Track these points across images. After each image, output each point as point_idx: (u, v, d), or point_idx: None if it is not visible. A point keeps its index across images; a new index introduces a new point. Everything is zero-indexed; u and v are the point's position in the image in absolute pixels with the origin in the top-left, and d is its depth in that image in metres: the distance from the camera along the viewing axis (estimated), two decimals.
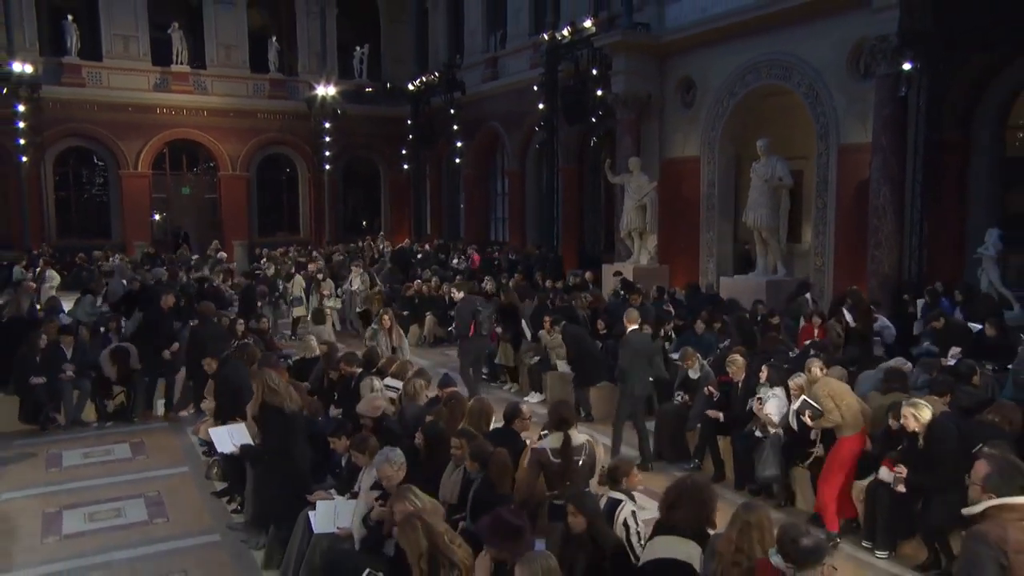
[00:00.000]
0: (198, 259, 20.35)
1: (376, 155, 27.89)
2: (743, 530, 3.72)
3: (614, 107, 17.13)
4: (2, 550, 5.55)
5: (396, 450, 4.62)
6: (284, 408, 5.00)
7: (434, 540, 3.49)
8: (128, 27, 24.25)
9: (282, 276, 15.73)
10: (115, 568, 5.21)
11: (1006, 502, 3.18)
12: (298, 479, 5.05)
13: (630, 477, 4.65)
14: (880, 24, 11.54)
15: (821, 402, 5.77)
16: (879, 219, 12.02)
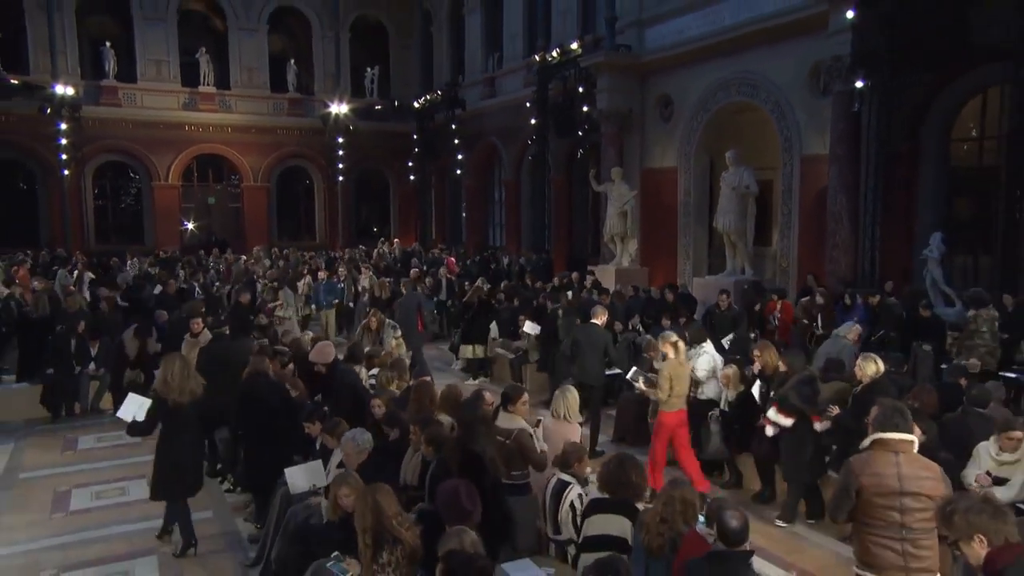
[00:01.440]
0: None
1: (385, 167, 27.75)
2: (668, 503, 3.76)
3: (599, 121, 17.15)
4: (13, 524, 5.67)
5: (365, 433, 4.69)
6: (168, 400, 5.10)
7: (380, 518, 3.50)
8: (160, 52, 24.31)
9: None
10: (112, 541, 5.30)
11: (882, 437, 3.59)
12: (185, 459, 5.18)
13: (580, 463, 4.64)
14: (835, 46, 11.55)
15: (660, 378, 6.15)
16: (836, 224, 12.05)
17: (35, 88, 21.54)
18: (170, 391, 5.11)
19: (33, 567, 4.96)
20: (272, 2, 25.65)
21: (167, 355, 5.66)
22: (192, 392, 5.21)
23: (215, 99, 25.05)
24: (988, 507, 2.73)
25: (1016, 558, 2.58)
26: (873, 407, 3.74)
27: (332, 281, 14.75)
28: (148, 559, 5.04)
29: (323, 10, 26.28)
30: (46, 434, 7.89)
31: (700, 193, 15.96)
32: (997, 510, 2.72)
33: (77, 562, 4.98)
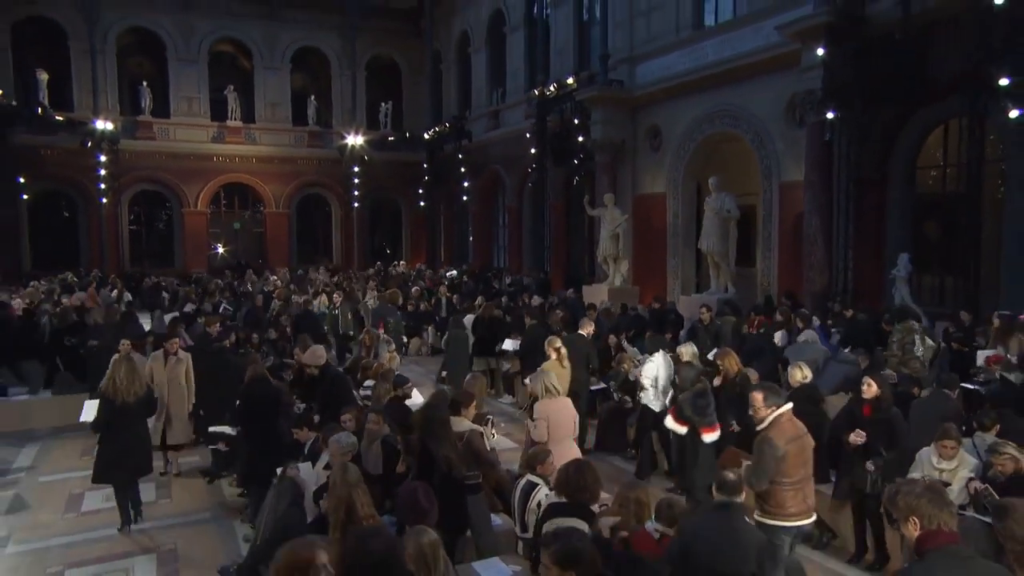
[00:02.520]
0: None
1: (397, 194, 27.96)
2: (623, 504, 3.76)
3: (593, 151, 17.28)
4: (28, 523, 5.76)
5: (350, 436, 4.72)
6: (115, 400, 5.47)
7: (352, 508, 3.55)
8: (191, 90, 24.86)
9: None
10: (116, 540, 5.36)
11: (778, 411, 4.20)
12: (127, 449, 5.55)
13: (544, 464, 4.60)
14: (808, 81, 11.63)
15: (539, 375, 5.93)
16: (812, 245, 12.04)
17: (78, 124, 22.14)
18: (117, 392, 5.46)
19: (40, 563, 5.04)
20: (295, 43, 26.16)
21: (115, 360, 5.95)
22: (136, 392, 5.55)
23: (241, 132, 25.48)
24: (929, 493, 2.71)
25: (943, 546, 2.58)
26: (753, 394, 4.28)
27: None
28: (148, 556, 5.09)
29: (341, 50, 26.70)
30: (68, 440, 7.96)
31: (687, 217, 15.99)
32: (937, 498, 2.69)
33: (81, 560, 5.05)
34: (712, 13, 15.63)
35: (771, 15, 13.06)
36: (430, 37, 27.18)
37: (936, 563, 2.56)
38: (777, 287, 13.49)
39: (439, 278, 19.27)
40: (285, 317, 10.57)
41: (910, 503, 2.68)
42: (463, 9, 25.16)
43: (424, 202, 26.27)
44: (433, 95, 27.83)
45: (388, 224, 29.22)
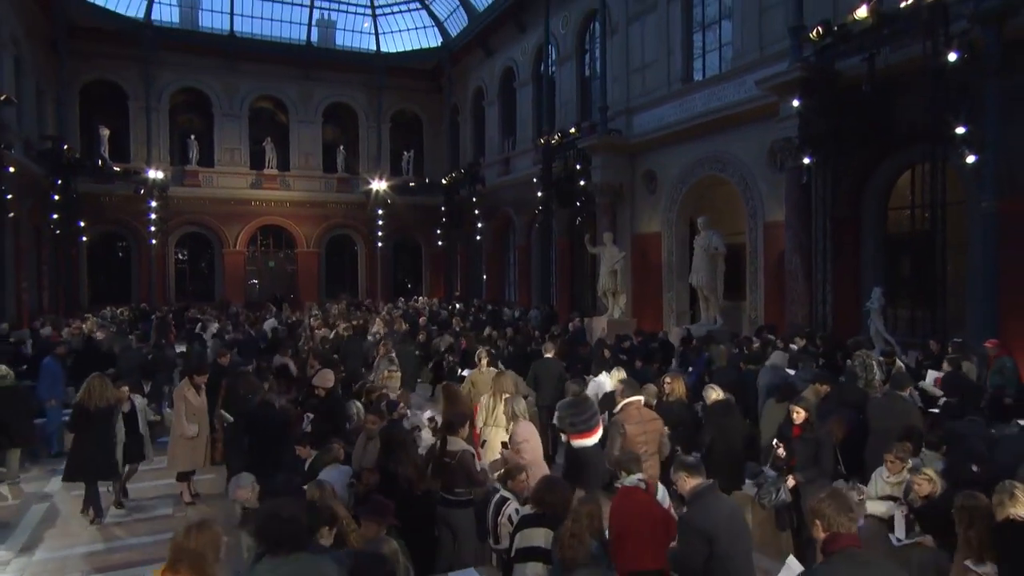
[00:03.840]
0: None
1: (418, 234, 28.26)
2: (577, 519, 3.74)
3: (594, 194, 17.52)
4: (56, 533, 5.92)
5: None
6: (89, 407, 5.97)
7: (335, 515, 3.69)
8: (234, 142, 25.56)
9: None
10: (134, 550, 5.50)
11: (628, 400, 5.17)
12: (96, 450, 6.01)
13: (515, 481, 4.64)
14: (786, 129, 11.81)
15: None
16: (793, 281, 12.09)
17: (133, 173, 22.79)
18: (91, 400, 5.92)
19: (62, 570, 5.20)
20: (326, 99, 26.86)
21: (90, 375, 6.37)
22: (108, 400, 6.02)
23: (277, 179, 25.99)
24: (832, 499, 2.79)
25: (844, 548, 2.65)
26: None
27: None
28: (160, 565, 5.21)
29: (368, 106, 27.37)
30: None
31: (681, 254, 16.08)
32: (841, 504, 2.77)
33: (101, 566, 5.20)
34: (700, 69, 15.96)
35: (752, 71, 13.35)
36: (448, 93, 27.77)
37: (837, 565, 2.64)
38: (763, 319, 13.47)
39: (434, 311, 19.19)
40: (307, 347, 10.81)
41: (814, 507, 2.79)
42: (478, 68, 25.79)
43: (442, 241, 26.44)
44: (451, 144, 28.21)
45: (409, 262, 29.41)
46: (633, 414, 5.08)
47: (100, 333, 12.56)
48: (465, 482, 4.78)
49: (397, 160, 27.41)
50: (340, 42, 27.31)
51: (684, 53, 16.03)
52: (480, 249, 25.31)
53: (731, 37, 14.71)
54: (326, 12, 26.89)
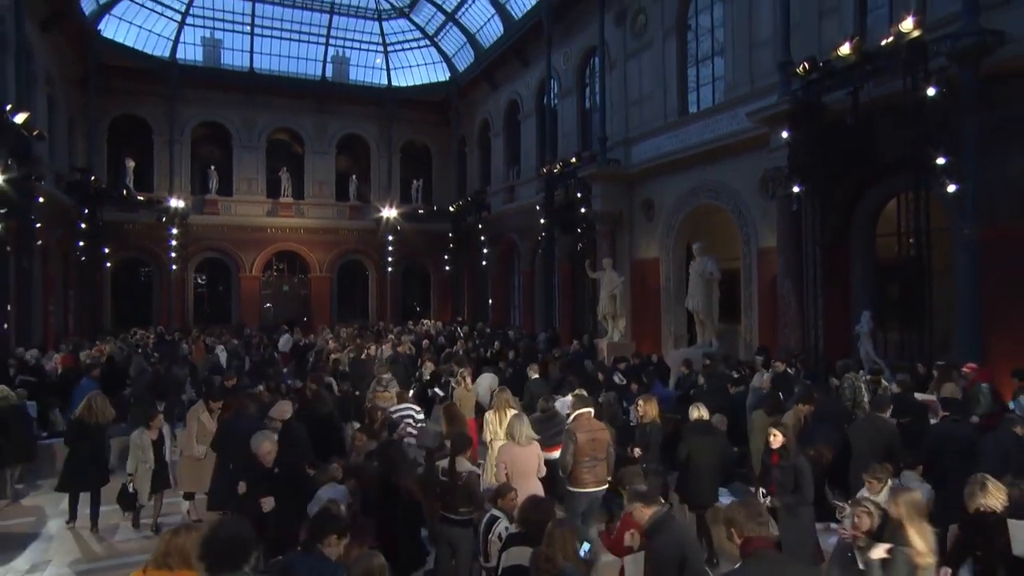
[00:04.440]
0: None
1: (426, 259, 28.39)
2: (550, 542, 3.80)
3: (595, 221, 17.65)
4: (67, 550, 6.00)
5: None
6: (89, 422, 6.32)
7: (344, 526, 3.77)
8: (251, 172, 25.97)
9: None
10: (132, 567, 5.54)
11: (579, 412, 5.58)
12: (88, 462, 6.37)
13: (505, 499, 4.69)
14: (776, 159, 11.94)
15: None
16: (785, 305, 12.14)
17: (155, 203, 23.26)
18: (91, 415, 6.23)
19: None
20: (340, 131, 27.30)
21: (91, 393, 6.69)
22: (105, 416, 6.36)
23: (292, 207, 26.31)
24: (743, 507, 3.00)
25: (757, 550, 2.83)
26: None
27: None
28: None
29: (380, 137, 27.79)
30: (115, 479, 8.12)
31: (678, 279, 16.10)
32: (751, 511, 2.96)
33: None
34: (695, 102, 16.20)
35: (744, 103, 13.54)
36: (456, 124, 28.21)
37: (752, 565, 2.83)
38: (758, 342, 13.48)
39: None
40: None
41: (727, 515, 2.96)
42: (484, 101, 26.24)
43: (449, 267, 26.61)
44: (458, 173, 28.50)
45: (418, 286, 29.49)
46: (583, 424, 5.47)
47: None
48: (469, 502, 4.87)
49: (407, 189, 27.71)
50: (354, 77, 27.87)
51: (679, 87, 16.31)
52: (486, 274, 25.43)
53: (724, 72, 14.97)
54: (340, 49, 27.53)
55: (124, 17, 23.68)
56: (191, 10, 24.89)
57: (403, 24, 27.57)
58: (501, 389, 7.00)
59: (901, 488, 4.48)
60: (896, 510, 3.75)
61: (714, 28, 15.49)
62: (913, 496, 3.88)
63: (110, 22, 23.28)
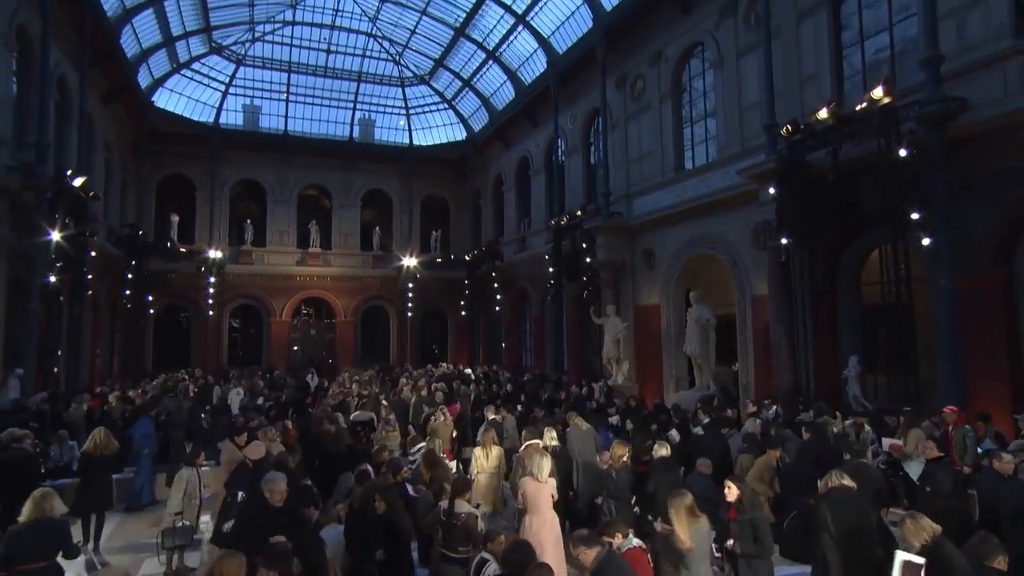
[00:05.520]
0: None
1: (444, 305, 28.49)
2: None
3: (599, 269, 17.87)
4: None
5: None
6: (96, 456, 6.76)
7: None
8: (283, 224, 26.74)
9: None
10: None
11: (529, 442, 6.39)
12: (97, 490, 6.81)
13: (494, 542, 4.65)
14: (765, 213, 12.21)
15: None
16: (777, 350, 12.19)
17: (196, 254, 24.09)
18: (97, 449, 6.68)
19: None
20: (365, 187, 28.09)
21: (96, 430, 7.06)
22: (110, 449, 6.93)
23: (320, 257, 26.83)
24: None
25: None
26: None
27: None
28: None
29: (402, 192, 28.55)
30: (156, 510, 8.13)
31: (679, 324, 16.15)
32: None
33: None
34: (690, 159, 16.64)
35: (735, 161, 13.95)
36: (472, 179, 28.92)
37: None
38: (753, 384, 13.49)
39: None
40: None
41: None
42: (497, 158, 27.00)
43: (465, 311, 26.74)
44: (473, 225, 29.01)
45: (436, 330, 29.66)
46: (532, 452, 5.97)
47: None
48: (467, 542, 4.96)
49: (426, 239, 28.21)
50: (378, 137, 28.88)
51: (676, 145, 16.79)
52: (499, 318, 25.60)
53: (716, 132, 15.47)
54: (367, 112, 28.70)
55: (175, 89, 25.15)
56: (234, 81, 26.33)
57: (424, 90, 28.77)
58: (487, 428, 7.22)
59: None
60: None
61: (706, 92, 16.06)
62: (684, 499, 4.52)
63: (162, 93, 24.73)
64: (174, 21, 21.76)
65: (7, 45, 13.35)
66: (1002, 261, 9.18)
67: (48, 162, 13.39)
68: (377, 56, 26.89)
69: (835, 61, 12.30)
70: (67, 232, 13.80)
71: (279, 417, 9.78)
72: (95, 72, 17.84)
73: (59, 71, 15.81)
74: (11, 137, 13.29)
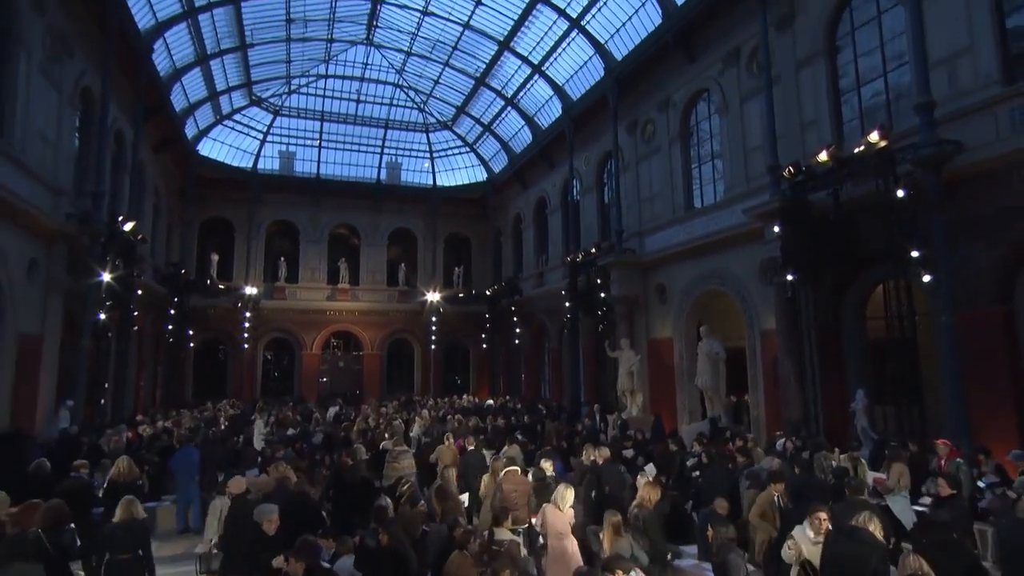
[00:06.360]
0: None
1: (466, 338, 28.67)
2: None
3: (613, 304, 17.97)
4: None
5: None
6: (118, 483, 6.90)
7: None
8: (315, 262, 27.46)
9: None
10: None
11: (508, 468, 6.76)
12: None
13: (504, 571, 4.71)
14: (771, 250, 12.28)
15: None
16: (786, 383, 12.12)
17: (233, 290, 24.85)
18: (120, 476, 6.93)
19: None
20: (391, 226, 28.79)
21: (119, 458, 7.31)
22: (131, 476, 7.20)
23: (348, 292, 27.31)
24: None
25: None
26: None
27: None
28: None
29: (426, 231, 29.18)
30: (183, 540, 8.23)
31: (691, 357, 16.04)
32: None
33: None
34: (699, 199, 16.83)
35: (741, 200, 14.09)
36: (492, 218, 29.46)
37: None
38: (764, 416, 13.38)
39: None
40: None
41: None
42: (516, 198, 27.55)
43: (486, 344, 26.94)
44: (494, 261, 29.43)
45: (459, 362, 29.79)
46: (510, 478, 6.55)
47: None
48: (512, 567, 5.04)
49: (449, 275, 28.66)
50: (404, 179, 29.70)
51: (685, 185, 17.03)
52: (519, 351, 25.69)
53: (723, 172, 15.71)
54: (393, 156, 29.62)
55: (217, 138, 26.44)
56: (271, 130, 27.56)
57: (447, 135, 29.70)
58: (496, 458, 7.42)
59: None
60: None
61: (713, 135, 16.36)
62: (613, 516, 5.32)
63: (206, 142, 26.03)
64: (218, 78, 23.06)
65: (72, 105, 14.37)
66: (1002, 297, 9.13)
67: (103, 209, 14.20)
68: (403, 104, 27.94)
69: (834, 106, 12.52)
70: (117, 273, 14.48)
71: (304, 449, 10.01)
72: (148, 126, 18.97)
73: (116, 126, 16.88)
74: (71, 187, 14.17)
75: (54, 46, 13.19)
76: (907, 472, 6.64)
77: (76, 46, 14.17)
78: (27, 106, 12.20)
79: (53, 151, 13.37)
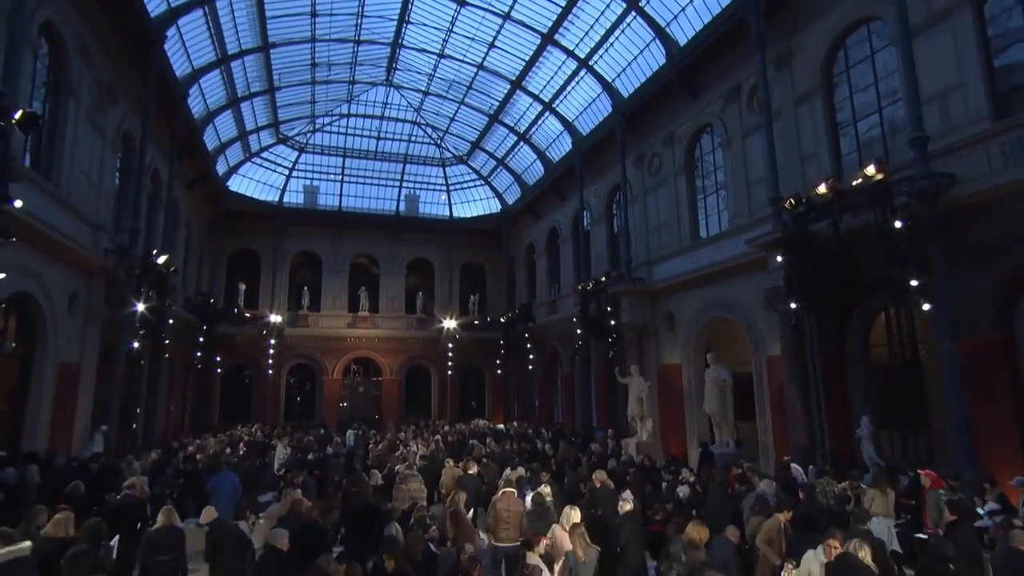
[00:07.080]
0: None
1: (481, 364, 28.87)
2: None
3: (623, 331, 17.99)
4: None
5: None
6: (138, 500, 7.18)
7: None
8: (336, 291, 27.97)
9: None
10: None
11: (504, 490, 6.95)
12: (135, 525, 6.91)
13: None
14: (775, 279, 12.33)
15: None
16: (791, 408, 12.03)
17: (259, 318, 25.35)
18: (142, 494, 7.18)
19: None
20: (409, 255, 29.28)
21: (133, 479, 7.63)
22: (144, 494, 7.49)
23: (368, 320, 27.72)
24: None
25: None
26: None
27: None
28: None
29: (443, 260, 29.61)
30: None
31: (699, 383, 15.88)
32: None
33: None
34: (705, 229, 16.94)
35: (746, 231, 14.17)
36: (506, 248, 29.77)
37: None
38: (772, 441, 13.22)
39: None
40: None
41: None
42: (529, 228, 27.89)
43: (501, 370, 27.05)
44: (508, 289, 29.63)
45: (474, 387, 29.84)
46: (505, 499, 6.82)
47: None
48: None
49: (465, 303, 28.97)
50: (422, 211, 30.27)
51: (691, 216, 17.18)
52: (532, 376, 25.67)
53: (727, 203, 15.85)
54: (411, 189, 30.28)
55: (246, 174, 27.37)
56: (296, 165, 28.46)
57: (462, 168, 30.34)
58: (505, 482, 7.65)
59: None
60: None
61: (717, 167, 16.58)
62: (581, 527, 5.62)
63: (235, 178, 26.94)
64: (248, 118, 24.01)
65: (114, 148, 15.12)
66: (1002, 324, 9.07)
67: (139, 243, 14.79)
68: (421, 140, 28.70)
69: (832, 140, 12.67)
70: (150, 303, 15.00)
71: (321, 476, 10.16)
72: (182, 164, 19.78)
73: (153, 165, 17.65)
74: (111, 223, 14.81)
75: (100, 95, 13.97)
76: (881, 497, 6.55)
77: (119, 94, 14.98)
78: (74, 150, 12.89)
79: (95, 191, 14.03)
